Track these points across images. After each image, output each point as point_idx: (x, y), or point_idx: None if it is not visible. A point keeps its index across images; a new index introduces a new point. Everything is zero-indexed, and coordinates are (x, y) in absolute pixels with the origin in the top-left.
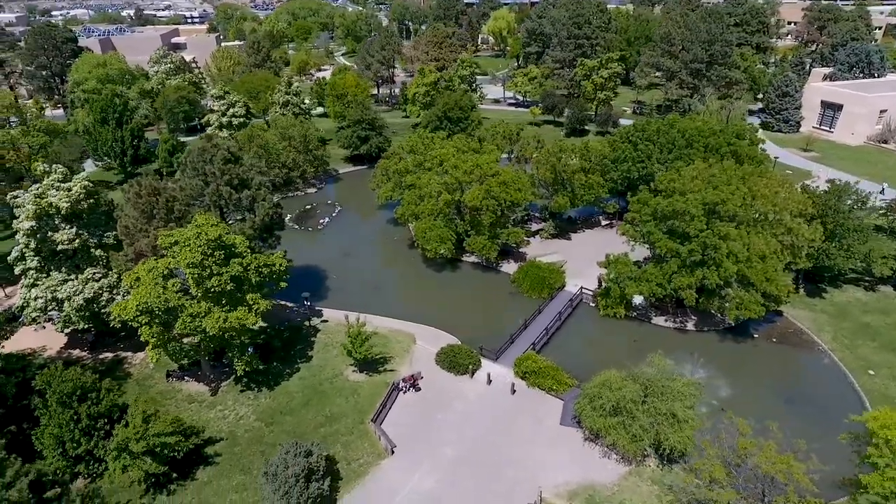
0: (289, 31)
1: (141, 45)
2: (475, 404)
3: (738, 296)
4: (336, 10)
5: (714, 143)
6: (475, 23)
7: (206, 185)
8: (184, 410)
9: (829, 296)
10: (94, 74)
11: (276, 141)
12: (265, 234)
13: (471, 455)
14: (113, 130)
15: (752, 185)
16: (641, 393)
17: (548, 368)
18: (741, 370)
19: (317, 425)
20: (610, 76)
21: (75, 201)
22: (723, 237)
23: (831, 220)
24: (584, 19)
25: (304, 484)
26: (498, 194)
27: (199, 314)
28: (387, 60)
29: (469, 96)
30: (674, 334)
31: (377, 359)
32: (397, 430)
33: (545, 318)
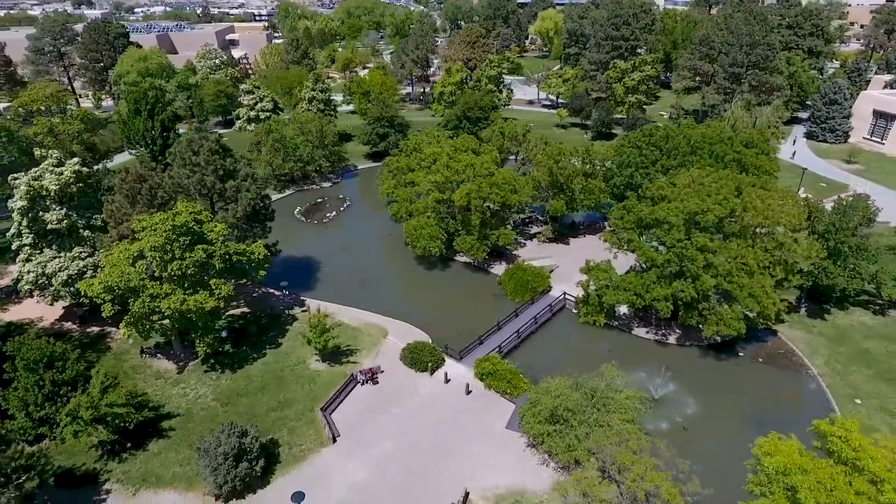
0: (341, 29)
1: (196, 42)
2: (427, 401)
3: (716, 311)
4: (388, 9)
5: (720, 150)
6: (523, 23)
7: (193, 174)
8: (150, 385)
9: (832, 317)
10: (136, 68)
11: (294, 135)
12: (251, 223)
13: (410, 450)
14: (144, 121)
15: (746, 196)
16: (582, 402)
17: (505, 371)
18: (716, 389)
19: (269, 409)
20: (642, 79)
21: (65, 185)
22: (701, 248)
23: (833, 236)
24: (622, 20)
25: (234, 463)
26: (487, 194)
27: (160, 295)
28: (420, 59)
29: (491, 97)
30: (653, 347)
31: (343, 350)
32: (345, 420)
33: (519, 322)
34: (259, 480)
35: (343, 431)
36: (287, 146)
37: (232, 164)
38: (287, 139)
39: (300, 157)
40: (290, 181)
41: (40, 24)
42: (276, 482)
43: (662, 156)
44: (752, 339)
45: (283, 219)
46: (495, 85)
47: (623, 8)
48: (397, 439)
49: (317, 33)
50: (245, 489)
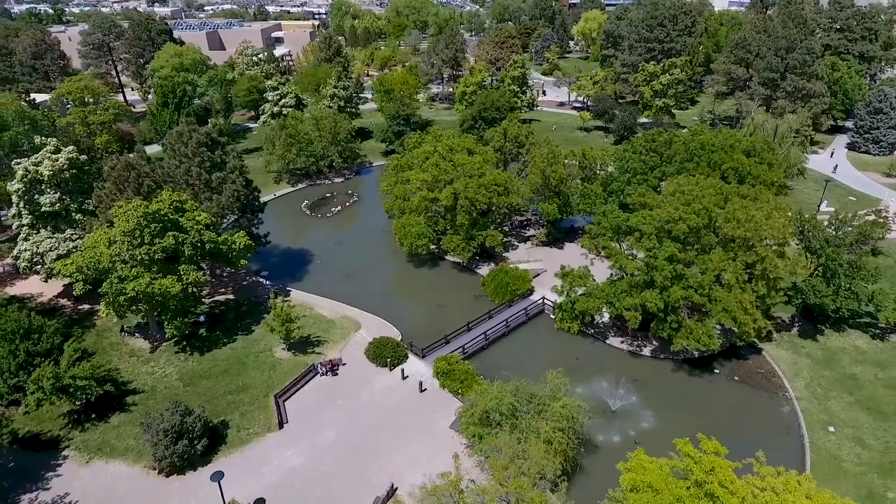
0: (386, 27)
1: (245, 38)
2: (380, 396)
3: (686, 325)
4: (433, 8)
5: (717, 159)
6: (568, 24)
7: (181, 164)
8: (123, 362)
9: (825, 339)
10: (170, 63)
11: (309, 131)
12: (241, 213)
13: (351, 442)
14: (171, 113)
15: (729, 207)
16: (518, 407)
17: (460, 372)
18: (681, 405)
19: (226, 392)
20: (670, 83)
21: (58, 170)
22: (669, 258)
23: (824, 253)
24: (656, 21)
25: (173, 439)
26: (473, 195)
27: (127, 278)
28: (449, 59)
29: (507, 97)
30: (625, 357)
31: (312, 340)
32: (297, 408)
33: (490, 324)
34: (201, 459)
35: (292, 419)
36: (300, 141)
37: (220, 157)
38: (301, 134)
39: (313, 152)
40: (305, 176)
41: (92, 21)
42: (216, 461)
43: (662, 162)
44: (734, 355)
45: (289, 212)
46: (518, 86)
47: (658, 9)
48: (341, 430)
49: (361, 32)
50: (185, 466)
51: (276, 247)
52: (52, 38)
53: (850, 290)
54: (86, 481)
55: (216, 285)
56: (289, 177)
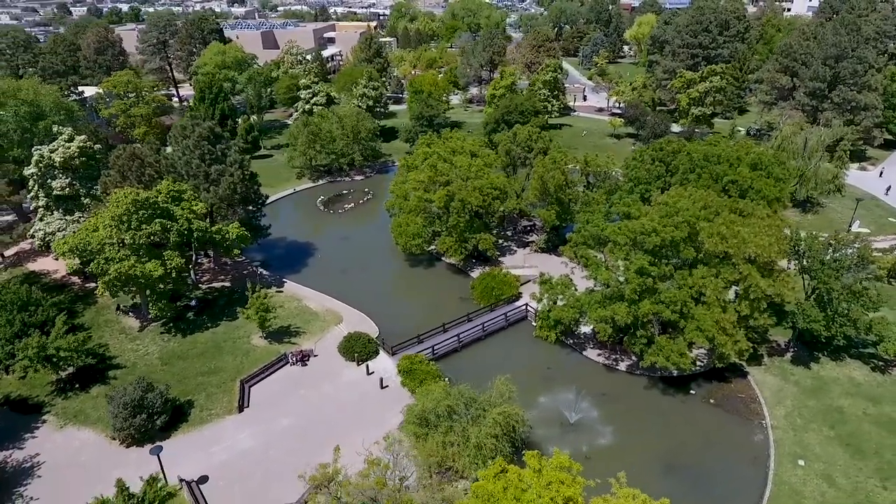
0: (439, 29)
1: (297, 38)
2: (343, 389)
3: (657, 341)
4: (487, 10)
5: (720, 171)
6: (622, 28)
7: (183, 156)
8: (113, 339)
9: (818, 367)
10: (213, 60)
11: (332, 128)
12: (237, 205)
13: (303, 430)
14: (206, 108)
15: (718, 221)
16: (454, 409)
17: (422, 372)
18: (645, 423)
19: (198, 374)
20: (708, 91)
21: (69, 157)
22: (639, 271)
23: (818, 275)
24: (701, 27)
25: (132, 413)
26: (466, 197)
27: (113, 259)
28: (486, 62)
29: (532, 101)
30: (598, 370)
31: (291, 330)
32: (260, 394)
33: (465, 327)
34: (160, 434)
35: (253, 404)
36: (322, 139)
37: (221, 150)
38: (324, 132)
39: (334, 149)
40: (327, 172)
41: (149, 20)
42: (175, 438)
43: (667, 173)
44: (716, 377)
45: (304, 206)
46: (549, 90)
47: (704, 14)
48: (296, 418)
49: (414, 33)
50: (144, 439)
51: (282, 239)
52: (115, 35)
53: (847, 317)
54: (57, 444)
55: (217, 273)
56: (310, 173)
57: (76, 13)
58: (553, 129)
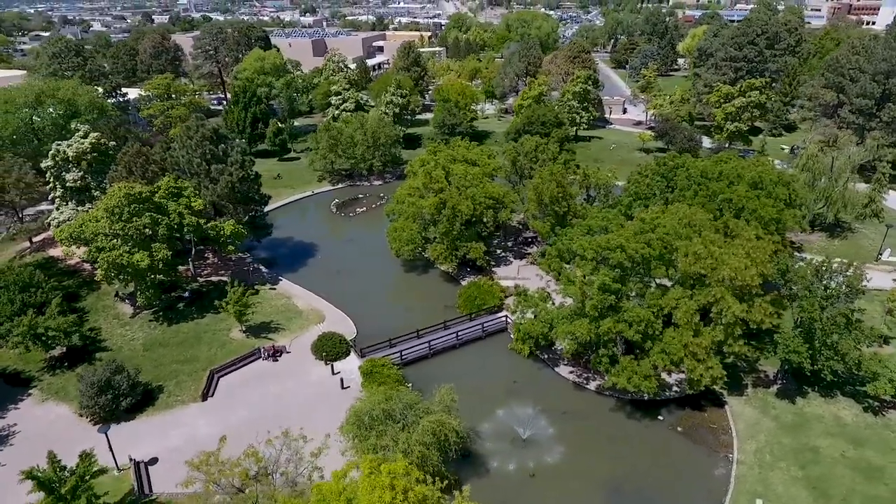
0: (490, 40)
1: (345, 46)
2: (305, 387)
3: (621, 361)
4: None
5: (716, 188)
6: (676, 40)
7: (186, 155)
8: (107, 323)
9: (805, 402)
10: (252, 66)
11: (353, 133)
12: (236, 203)
13: (257, 422)
14: (239, 112)
15: (696, 241)
16: (390, 414)
17: (382, 375)
18: (602, 447)
19: (174, 361)
20: (745, 106)
21: (81, 152)
22: (601, 287)
23: (802, 303)
24: (746, 39)
25: (97, 392)
26: (457, 204)
27: (104, 248)
28: (521, 72)
29: (555, 112)
30: (566, 388)
31: (270, 326)
32: (226, 386)
33: (440, 334)
34: (125, 414)
35: (218, 393)
36: (342, 144)
37: (223, 151)
38: (345, 137)
39: (353, 154)
40: (347, 176)
41: (203, 28)
42: (138, 419)
43: (667, 188)
44: (690, 404)
45: (318, 208)
46: (578, 101)
47: (751, 26)
48: (254, 411)
49: (464, 44)
50: (108, 418)
51: (289, 238)
52: (170, 42)
53: (835, 351)
54: (36, 417)
55: (219, 267)
56: (331, 176)
57: (158, 21)
58: (582, 142)
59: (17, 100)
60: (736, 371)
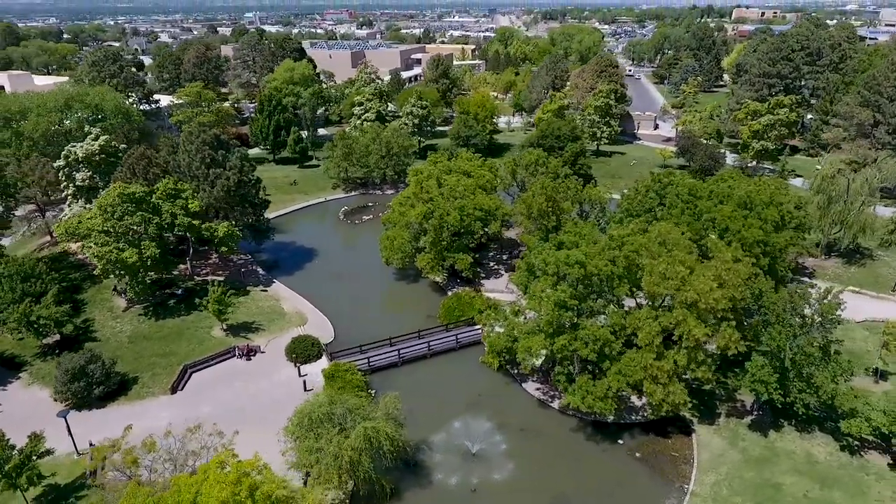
0: (532, 53)
1: (384, 58)
2: (271, 386)
3: (577, 380)
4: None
5: (703, 207)
6: (721, 55)
7: (186, 159)
8: (101, 314)
9: (778, 436)
10: (282, 77)
11: (368, 143)
12: (235, 205)
13: (216, 417)
14: (263, 120)
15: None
16: (329, 417)
17: (343, 380)
18: (552, 467)
19: (154, 354)
20: (773, 124)
21: (90, 153)
22: (557, 303)
23: (773, 330)
24: (780, 55)
25: (70, 379)
26: (443, 213)
27: (98, 244)
28: (548, 85)
29: (570, 126)
30: (530, 405)
31: (251, 326)
32: (198, 381)
33: (411, 343)
34: (98, 402)
35: (187, 388)
36: (356, 152)
37: (222, 156)
38: (359, 146)
39: (367, 163)
40: (362, 185)
41: (242, 39)
42: (108, 407)
43: (659, 205)
44: (655, 429)
45: (326, 215)
46: (600, 116)
47: (786, 41)
48: (216, 407)
49: (504, 57)
50: (81, 404)
51: (292, 243)
52: (214, 52)
53: (808, 383)
54: (19, 399)
55: (218, 267)
56: (344, 184)
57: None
58: (603, 157)
59: (48, 104)
60: (713, 399)
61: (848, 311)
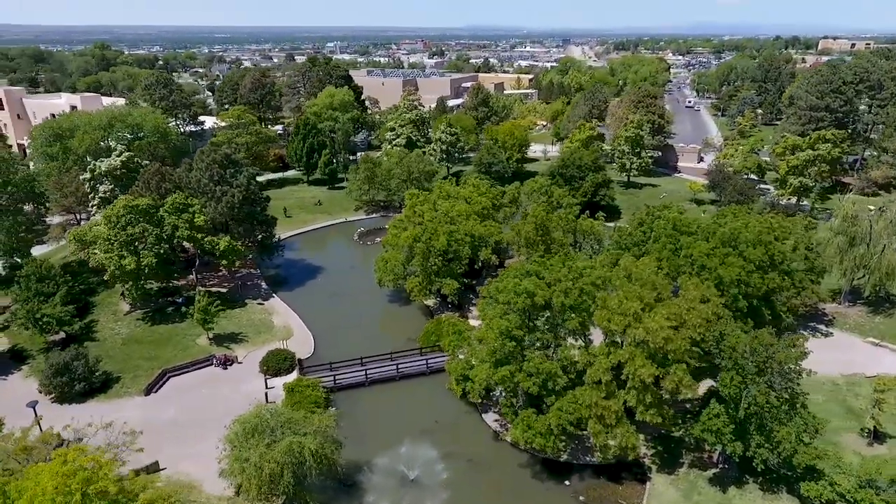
0: (587, 83)
1: (434, 86)
2: (236, 396)
3: (521, 414)
4: (637, 65)
5: (683, 242)
6: (785, 87)
7: (196, 176)
8: (105, 316)
9: (739, 493)
10: (322, 102)
11: (392, 167)
12: (241, 222)
13: (177, 421)
14: (298, 143)
15: (619, 296)
16: (263, 429)
17: (301, 395)
18: (488, 500)
19: (140, 357)
20: (813, 160)
21: (112, 168)
22: (502, 332)
23: (720, 379)
24: (830, 87)
25: (55, 373)
26: (429, 237)
27: (101, 250)
28: (585, 114)
29: (593, 157)
30: (484, 435)
31: (236, 337)
32: (173, 385)
33: (381, 364)
34: (78, 397)
35: (162, 391)
36: (379, 176)
37: (230, 174)
38: (382, 169)
39: (388, 186)
40: (384, 207)
41: (292, 67)
42: (87, 403)
43: (647, 240)
44: (609, 473)
45: (341, 236)
46: (631, 147)
47: (837, 73)
48: (180, 411)
49: (557, 87)
50: (63, 398)
51: (302, 259)
52: (268, 79)
53: (767, 437)
54: (13, 389)
55: (225, 279)
56: (367, 206)
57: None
58: (633, 189)
59: (93, 122)
60: (680, 447)
61: (862, 364)
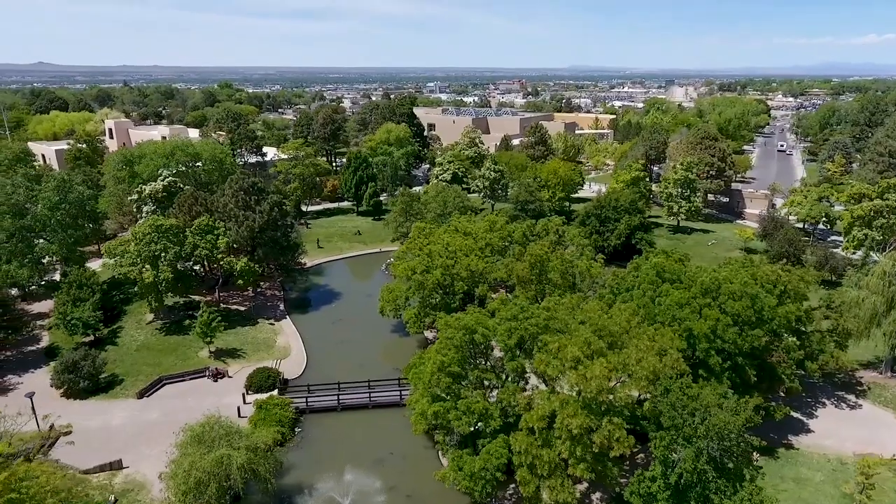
0: (670, 125)
1: (504, 125)
2: (214, 406)
3: (453, 453)
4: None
5: (661, 290)
6: None
7: (223, 201)
8: (130, 323)
9: None
10: (379, 137)
11: (429, 200)
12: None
13: (154, 426)
14: (349, 175)
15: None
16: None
17: (268, 412)
18: None
19: (144, 363)
20: (881, 210)
21: (155, 191)
22: (440, 367)
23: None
24: None
25: (63, 371)
26: (423, 271)
27: (126, 263)
28: (641, 155)
29: (631, 198)
30: (432, 471)
31: (235, 353)
32: (166, 391)
33: (354, 390)
34: (82, 393)
35: (153, 396)
36: (414, 209)
37: (255, 200)
38: (419, 202)
39: (424, 219)
40: None
41: (362, 105)
42: (88, 400)
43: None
44: None
45: (370, 265)
46: (680, 188)
47: None
48: (162, 415)
49: (634, 126)
50: (68, 394)
51: (325, 285)
52: (339, 115)
53: (721, 491)
54: (33, 382)
55: (248, 297)
56: (402, 238)
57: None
58: (681, 234)
59: (158, 150)
60: None
61: (882, 443)
